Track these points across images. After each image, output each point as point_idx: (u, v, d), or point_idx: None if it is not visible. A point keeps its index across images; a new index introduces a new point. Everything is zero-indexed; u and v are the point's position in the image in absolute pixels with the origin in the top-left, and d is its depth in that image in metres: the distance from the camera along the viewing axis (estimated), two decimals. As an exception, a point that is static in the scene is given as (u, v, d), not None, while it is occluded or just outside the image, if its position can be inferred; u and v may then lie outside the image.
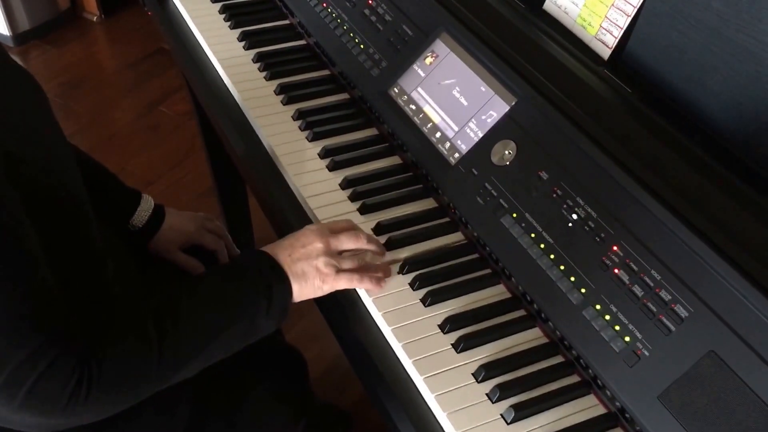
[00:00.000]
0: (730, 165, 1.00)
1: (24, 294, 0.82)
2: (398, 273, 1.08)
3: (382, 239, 1.12)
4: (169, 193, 2.62)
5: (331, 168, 1.23)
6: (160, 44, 3.21)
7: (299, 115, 1.33)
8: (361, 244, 1.08)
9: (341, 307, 1.06)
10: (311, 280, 1.04)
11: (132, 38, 3.29)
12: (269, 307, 1.00)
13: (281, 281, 1.02)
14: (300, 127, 1.31)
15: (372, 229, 1.14)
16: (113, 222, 1.28)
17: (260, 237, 2.38)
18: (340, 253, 1.07)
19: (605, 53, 1.20)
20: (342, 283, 1.05)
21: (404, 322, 1.02)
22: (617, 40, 1.19)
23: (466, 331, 1.01)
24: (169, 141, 2.84)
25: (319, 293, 1.05)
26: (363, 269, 1.06)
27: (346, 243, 1.07)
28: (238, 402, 1.23)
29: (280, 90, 1.38)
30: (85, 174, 1.25)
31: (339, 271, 1.05)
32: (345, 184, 1.21)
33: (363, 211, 1.16)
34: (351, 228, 1.10)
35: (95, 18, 3.36)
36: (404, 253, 1.11)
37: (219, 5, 1.58)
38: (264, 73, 1.42)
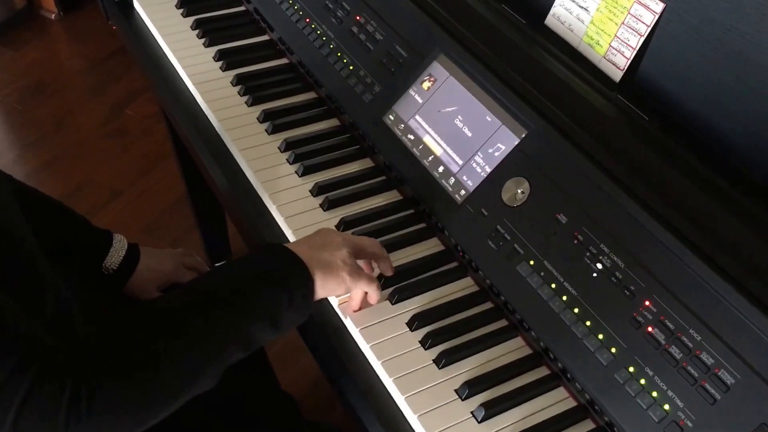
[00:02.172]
0: (765, 205, 0.93)
1: None
2: (408, 329, 0.99)
3: (386, 291, 1.03)
4: (140, 203, 2.50)
5: (326, 207, 1.14)
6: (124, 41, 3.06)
7: (287, 146, 1.22)
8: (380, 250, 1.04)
9: (347, 371, 0.97)
10: (335, 270, 0.96)
11: (93, 36, 3.14)
12: (290, 299, 0.91)
13: (299, 271, 0.94)
14: (289, 160, 1.21)
15: (376, 280, 1.04)
16: (85, 267, 1.18)
17: (237, 249, 2.28)
18: None
19: (616, 75, 1.12)
20: (363, 282, 0.98)
21: (419, 389, 0.93)
22: (629, 62, 1.10)
23: (486, 397, 0.93)
24: (138, 146, 2.71)
25: (342, 288, 0.97)
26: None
27: (368, 244, 1.03)
28: None
29: (265, 117, 1.27)
30: (50, 219, 1.15)
31: (360, 268, 0.99)
32: (343, 226, 1.11)
33: (364, 257, 1.07)
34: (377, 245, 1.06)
35: (54, 16, 3.19)
36: (411, 305, 1.02)
37: (191, 20, 1.46)
38: (245, 98, 1.31)
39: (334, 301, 1.03)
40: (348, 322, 1.01)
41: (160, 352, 0.83)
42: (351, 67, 1.25)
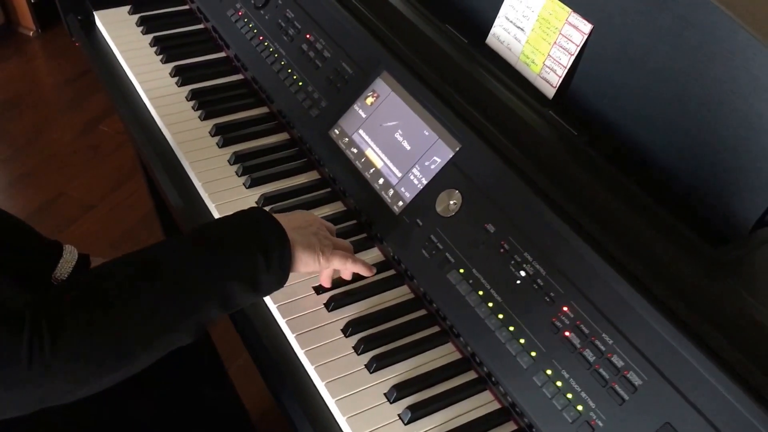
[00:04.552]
0: (682, 216, 0.97)
1: None
2: (343, 335, 1.03)
3: (324, 298, 1.07)
4: (111, 217, 2.53)
5: (270, 219, 1.17)
6: (100, 59, 3.10)
7: (236, 159, 1.26)
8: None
9: (282, 374, 1.01)
10: (312, 246, 0.99)
11: (70, 52, 3.18)
12: (267, 260, 0.92)
13: (278, 234, 0.95)
14: (237, 173, 1.25)
15: (313, 287, 1.08)
16: (33, 279, 1.20)
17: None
18: None
19: (549, 92, 1.16)
20: (337, 260, 1.03)
21: (349, 392, 0.96)
22: (561, 80, 1.15)
23: (414, 400, 0.96)
24: (110, 161, 2.74)
25: (316, 265, 1.00)
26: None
27: (343, 245, 1.07)
28: None
29: (216, 131, 1.31)
30: None
31: (335, 247, 1.03)
32: (285, 237, 1.15)
33: (304, 266, 1.11)
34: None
35: (31, 33, 3.24)
36: (347, 312, 1.06)
37: (150, 37, 1.50)
38: (198, 113, 1.35)
39: (272, 305, 1.06)
40: (285, 328, 1.04)
41: (129, 295, 0.83)
42: (300, 83, 1.29)
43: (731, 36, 0.94)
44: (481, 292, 0.99)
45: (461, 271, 1.01)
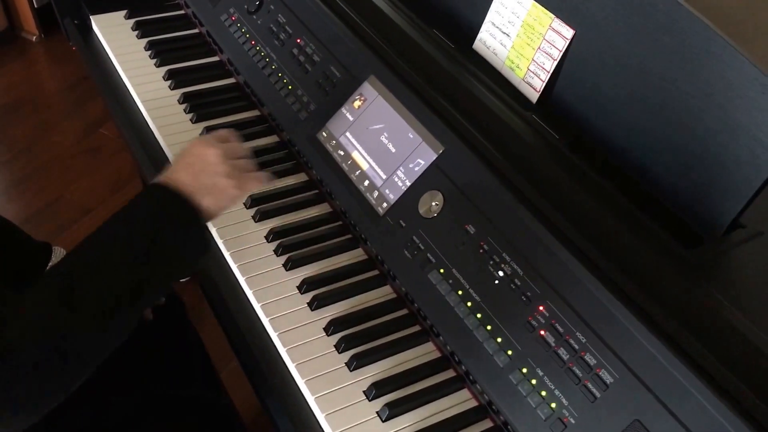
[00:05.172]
0: (657, 217, 0.99)
1: None
2: (324, 334, 1.05)
3: (308, 296, 1.09)
4: (111, 220, 2.55)
5: (257, 219, 1.19)
6: (101, 64, 3.13)
7: (225, 161, 1.28)
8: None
9: (263, 372, 1.03)
10: (222, 190, 0.99)
11: (72, 58, 3.20)
12: (185, 240, 0.92)
13: (183, 214, 0.93)
14: (226, 175, 1.26)
15: (297, 287, 1.10)
16: (21, 280, 1.22)
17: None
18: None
19: (533, 96, 1.18)
20: (252, 184, 1.04)
21: (328, 390, 0.98)
22: (544, 84, 1.16)
23: (392, 398, 0.98)
24: (110, 165, 2.77)
25: (234, 201, 1.02)
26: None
27: (239, 149, 1.07)
28: None
29: (206, 133, 1.33)
30: None
31: (246, 172, 1.03)
32: (271, 237, 1.17)
33: (289, 266, 1.12)
34: (233, 134, 1.11)
35: (34, 38, 3.27)
36: (330, 311, 1.07)
37: (145, 41, 1.53)
38: (190, 115, 1.37)
39: (256, 304, 1.08)
40: (268, 326, 1.06)
41: (61, 300, 0.83)
42: (290, 87, 1.32)
43: (707, 42, 0.95)
44: (460, 292, 1.01)
45: (441, 271, 1.03)
